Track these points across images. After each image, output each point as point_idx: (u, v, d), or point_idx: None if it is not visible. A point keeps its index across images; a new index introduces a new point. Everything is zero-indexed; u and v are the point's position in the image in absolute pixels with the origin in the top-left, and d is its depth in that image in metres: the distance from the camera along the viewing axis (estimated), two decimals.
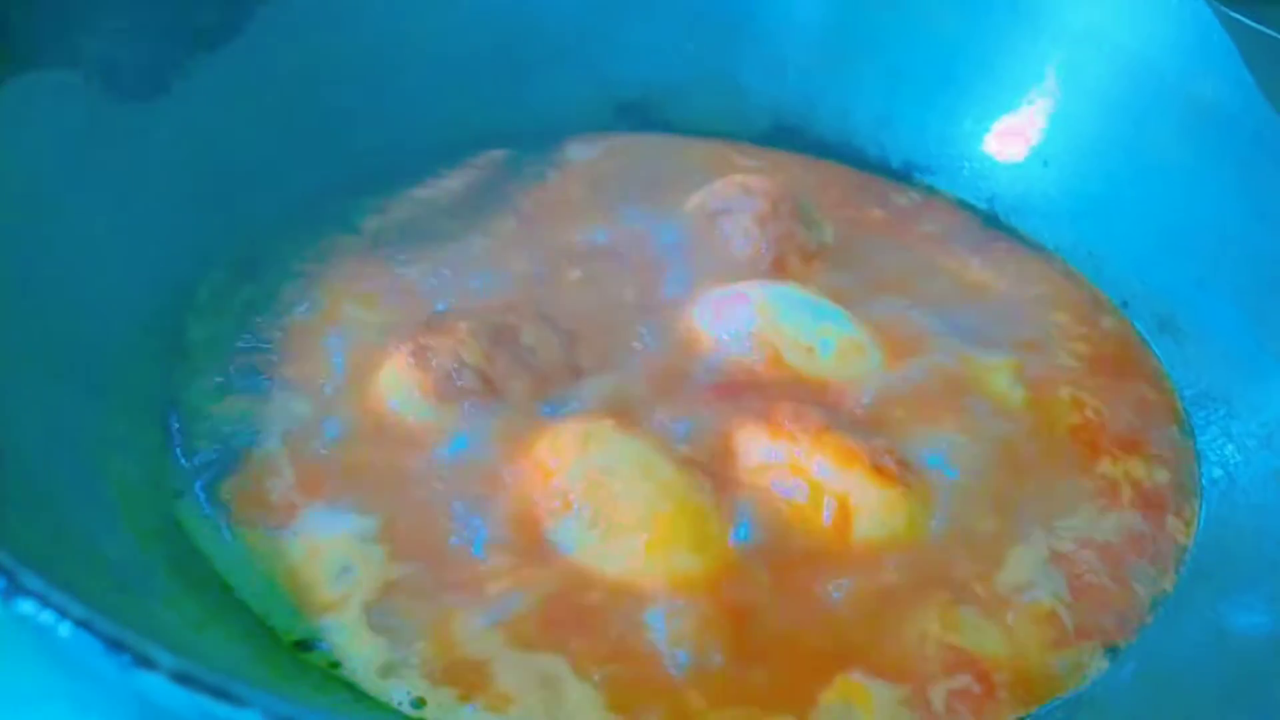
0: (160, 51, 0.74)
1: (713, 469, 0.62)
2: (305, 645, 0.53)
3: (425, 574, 0.56)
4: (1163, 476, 0.68)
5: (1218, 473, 0.68)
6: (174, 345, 0.68)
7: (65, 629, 0.32)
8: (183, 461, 0.61)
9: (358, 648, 0.53)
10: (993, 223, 0.90)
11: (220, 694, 0.30)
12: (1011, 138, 0.90)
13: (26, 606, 0.33)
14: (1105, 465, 0.68)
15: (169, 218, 0.71)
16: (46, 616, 0.32)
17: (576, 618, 0.55)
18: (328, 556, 0.57)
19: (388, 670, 0.52)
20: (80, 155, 0.67)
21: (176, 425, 0.63)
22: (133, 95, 0.71)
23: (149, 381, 0.65)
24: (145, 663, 0.31)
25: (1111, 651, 0.58)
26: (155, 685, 0.31)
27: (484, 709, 0.51)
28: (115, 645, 0.32)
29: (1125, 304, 0.81)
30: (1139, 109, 0.83)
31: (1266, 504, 0.64)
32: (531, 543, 0.58)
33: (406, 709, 0.51)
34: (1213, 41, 0.79)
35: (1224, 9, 0.78)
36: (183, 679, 0.30)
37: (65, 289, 0.63)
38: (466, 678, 0.52)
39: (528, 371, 0.67)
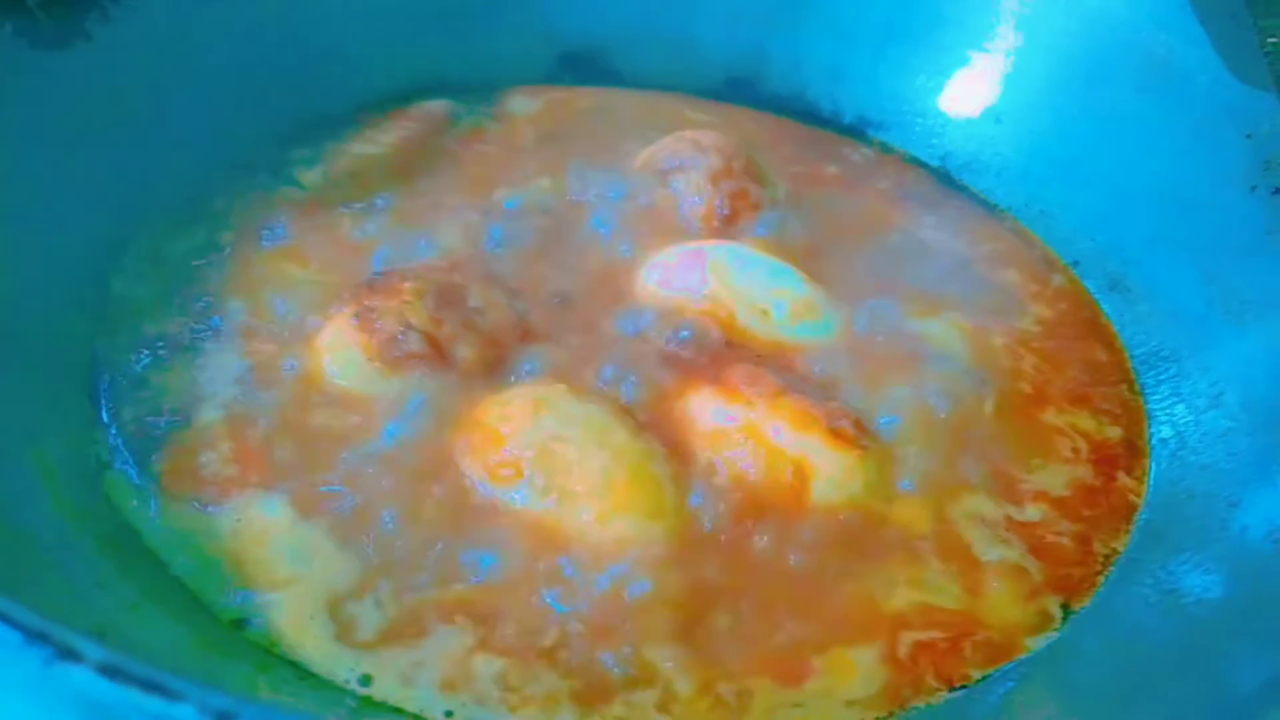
0: None
1: (667, 434, 0.61)
2: (242, 624, 0.51)
3: (368, 552, 0.54)
4: (1113, 433, 0.69)
5: (1168, 432, 0.69)
6: (100, 307, 0.64)
7: None
8: (111, 432, 0.58)
9: (299, 625, 0.51)
10: (945, 180, 0.89)
11: (152, 687, 0.28)
12: (965, 94, 0.89)
13: None
14: (1054, 418, 0.68)
15: (94, 172, 0.68)
16: None
17: (531, 589, 0.53)
18: (266, 535, 0.54)
19: (332, 647, 0.50)
20: None
21: (103, 392, 0.60)
22: (50, 42, 0.67)
23: (72, 346, 0.62)
24: (70, 655, 0.29)
25: (1067, 610, 0.58)
26: (82, 679, 0.29)
27: (430, 685, 0.49)
28: (37, 636, 0.29)
29: (1076, 263, 0.81)
30: (1093, 66, 0.83)
31: (1216, 464, 0.64)
32: (480, 515, 0.56)
33: (354, 686, 0.49)
34: None
35: None
36: (111, 672, 0.28)
37: None
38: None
39: (476, 334, 0.64)
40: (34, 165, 0.64)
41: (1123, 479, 0.66)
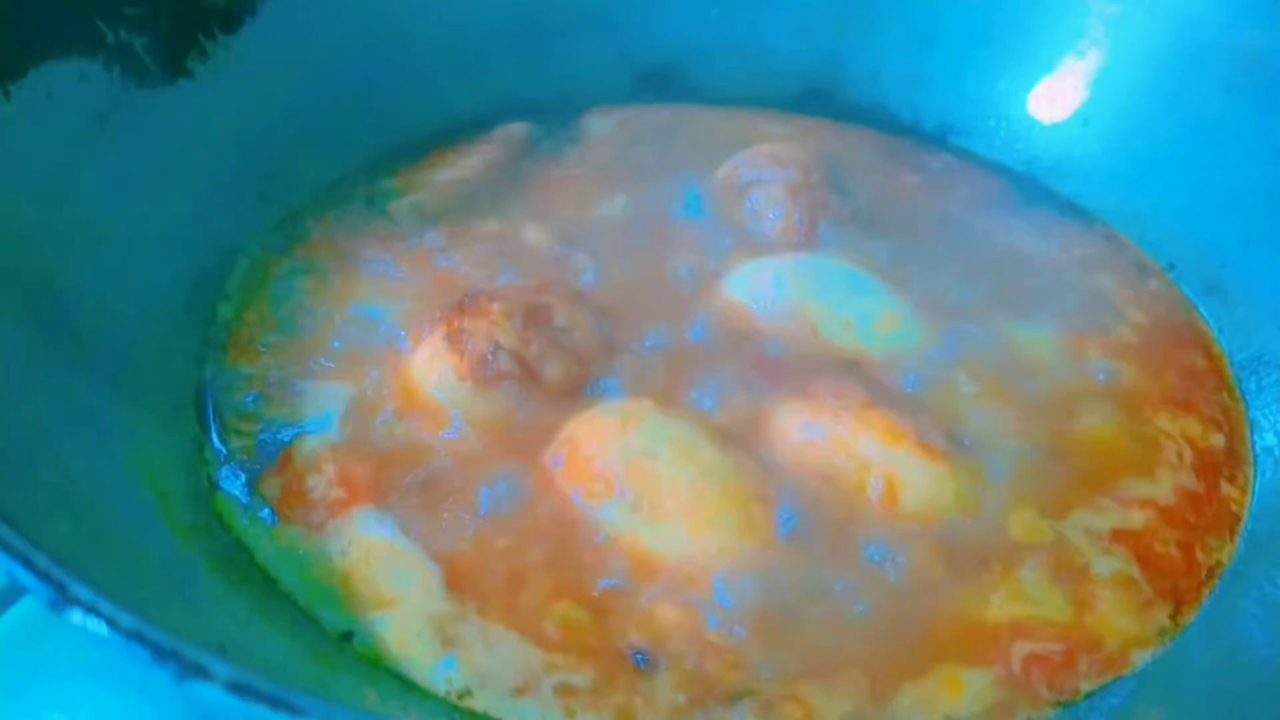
0: (178, 35, 0.73)
1: (754, 448, 0.61)
2: (349, 637, 0.53)
3: (474, 569, 0.55)
4: (1217, 440, 0.67)
5: (1271, 440, 0.67)
6: (205, 337, 0.67)
7: (117, 640, 0.31)
8: (221, 455, 0.60)
9: (404, 640, 0.52)
10: (1031, 186, 0.87)
11: (277, 703, 0.29)
12: (1050, 97, 0.87)
13: (77, 617, 0.32)
14: (1162, 422, 0.67)
15: (195, 205, 0.71)
16: (97, 627, 0.32)
17: (629, 605, 0.54)
18: (371, 553, 0.56)
19: (435, 662, 0.51)
20: (103, 143, 0.67)
21: (212, 416, 0.63)
22: (154, 81, 0.70)
23: (180, 375, 0.64)
24: (199, 672, 0.30)
25: (1174, 623, 0.57)
26: (211, 695, 0.30)
27: (527, 698, 0.50)
28: (168, 655, 0.31)
29: (1171, 267, 0.79)
30: (1183, 64, 0.81)
31: None
32: (581, 530, 0.57)
33: (454, 700, 0.51)
34: None
35: None
36: (239, 689, 0.30)
37: (92, 278, 0.63)
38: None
39: (563, 352, 0.66)
40: (141, 197, 0.68)
41: (1226, 488, 0.64)
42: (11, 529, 0.35)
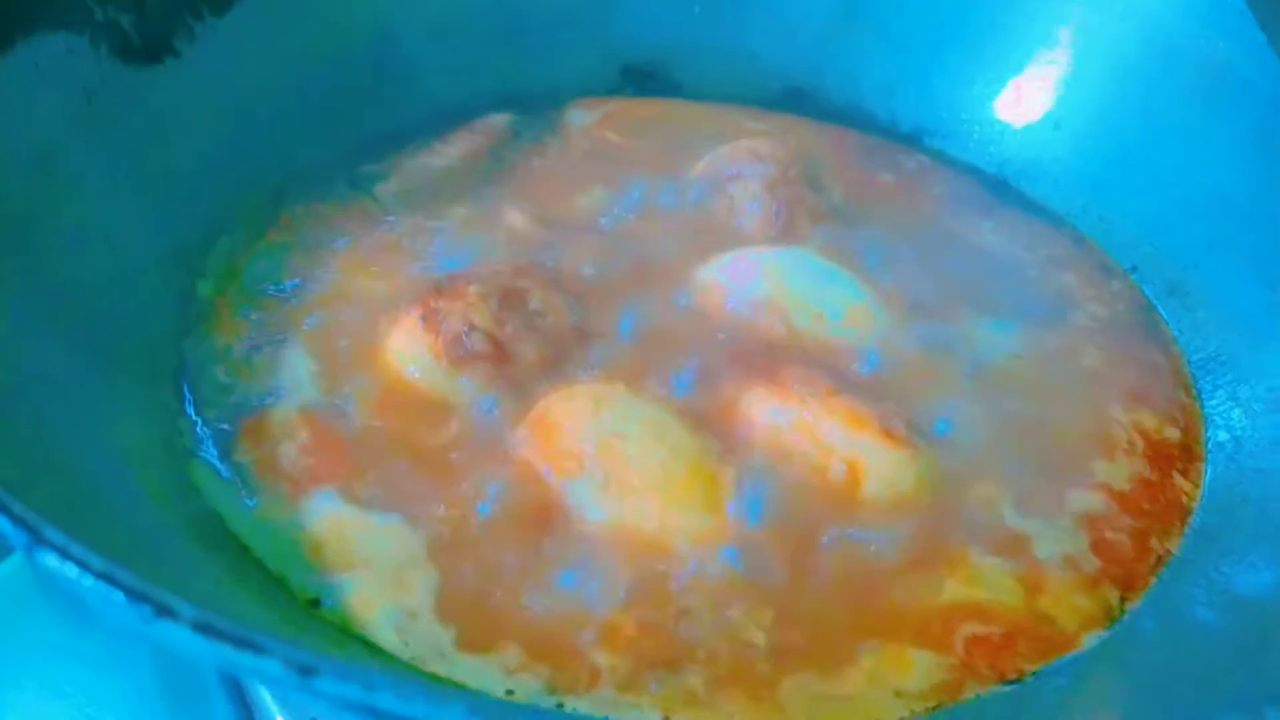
0: (166, 15, 0.74)
1: (722, 431, 0.63)
2: (317, 603, 0.54)
3: (443, 542, 0.56)
4: (1172, 434, 0.69)
5: (1224, 436, 0.69)
6: (184, 308, 0.68)
7: (88, 581, 0.33)
8: (196, 423, 0.61)
9: (370, 606, 0.53)
10: (1002, 187, 0.89)
11: (242, 643, 0.30)
12: (1022, 101, 0.89)
13: (49, 559, 0.33)
14: (1117, 413, 0.69)
15: (178, 181, 0.71)
16: (69, 569, 0.33)
17: (596, 581, 0.55)
18: (340, 522, 0.57)
19: (404, 630, 0.52)
20: (89, 118, 0.67)
21: (188, 387, 0.64)
22: (140, 58, 0.71)
23: (159, 347, 0.65)
24: (167, 613, 0.32)
25: (1121, 607, 0.58)
26: (178, 635, 0.31)
27: (499, 668, 0.51)
28: (137, 596, 0.32)
29: (1135, 268, 0.81)
30: (1151, 71, 0.83)
31: (1273, 468, 0.64)
32: (551, 506, 0.58)
33: (417, 664, 0.52)
34: (1225, 2, 0.78)
35: None
36: (204, 629, 0.31)
37: (75, 251, 0.63)
38: (485, 640, 0.53)
39: (537, 335, 0.67)
40: (125, 173, 0.69)
41: (1178, 480, 0.66)
42: None
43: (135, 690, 0.65)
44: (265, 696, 0.62)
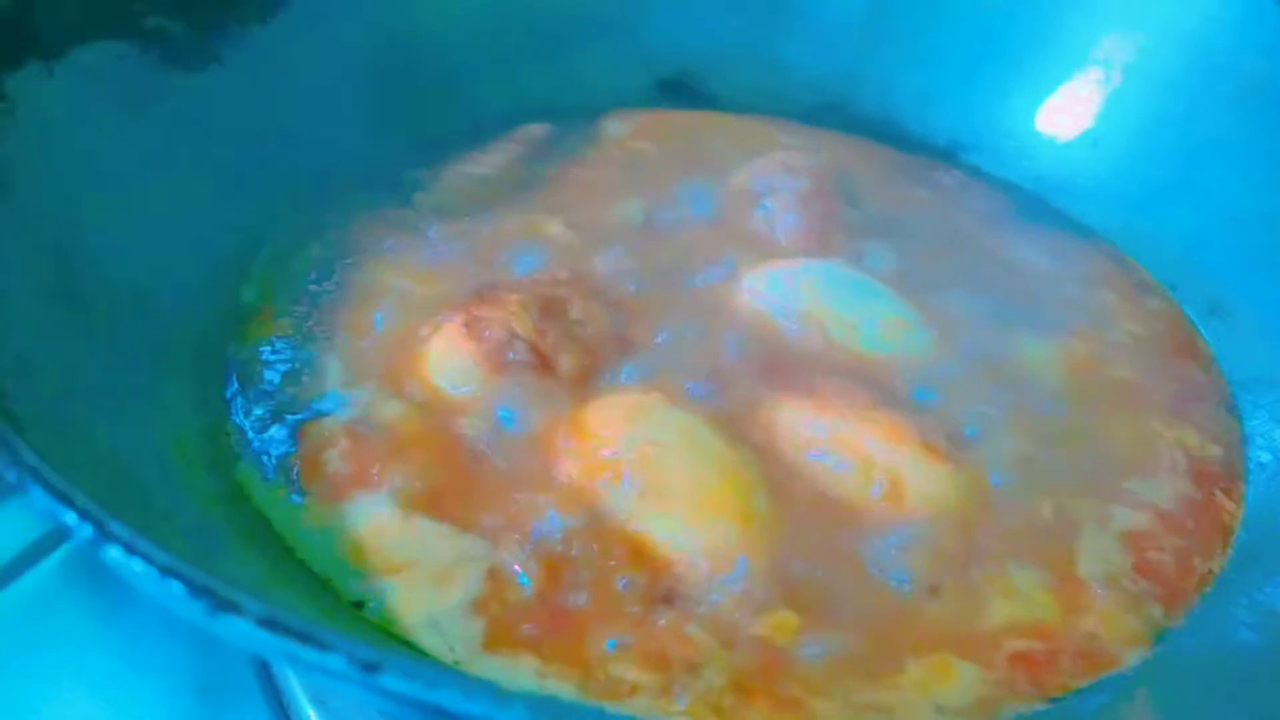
0: (212, 23, 0.75)
1: (759, 443, 0.63)
2: (362, 605, 0.54)
3: (485, 548, 0.57)
4: (1215, 451, 0.68)
5: (1265, 457, 0.68)
6: (230, 313, 0.69)
7: (152, 576, 0.33)
8: (242, 427, 0.62)
9: (413, 609, 0.54)
10: (1039, 204, 0.89)
11: (306, 638, 0.31)
12: (1060, 117, 0.89)
13: (114, 553, 0.34)
14: (1159, 428, 0.69)
15: (224, 187, 0.72)
16: (135, 564, 0.33)
17: (633, 590, 0.55)
18: (383, 528, 0.57)
19: (446, 634, 0.53)
20: (137, 125, 0.69)
21: (234, 391, 0.64)
22: (188, 66, 0.73)
23: (205, 351, 0.66)
24: (231, 607, 0.32)
25: (1164, 627, 0.58)
26: (241, 629, 0.32)
27: (544, 673, 0.52)
28: (201, 591, 0.32)
29: (1174, 287, 0.81)
30: (1191, 88, 0.83)
31: None
32: (589, 513, 0.58)
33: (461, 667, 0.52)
34: (1266, 18, 0.78)
35: None
36: (269, 624, 0.31)
37: (123, 256, 0.64)
38: (522, 645, 0.53)
39: (577, 345, 0.67)
40: (172, 178, 0.70)
41: (1220, 499, 0.65)
42: (53, 472, 0.37)
43: (169, 686, 0.66)
44: (299, 693, 0.63)
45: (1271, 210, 0.77)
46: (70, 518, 0.34)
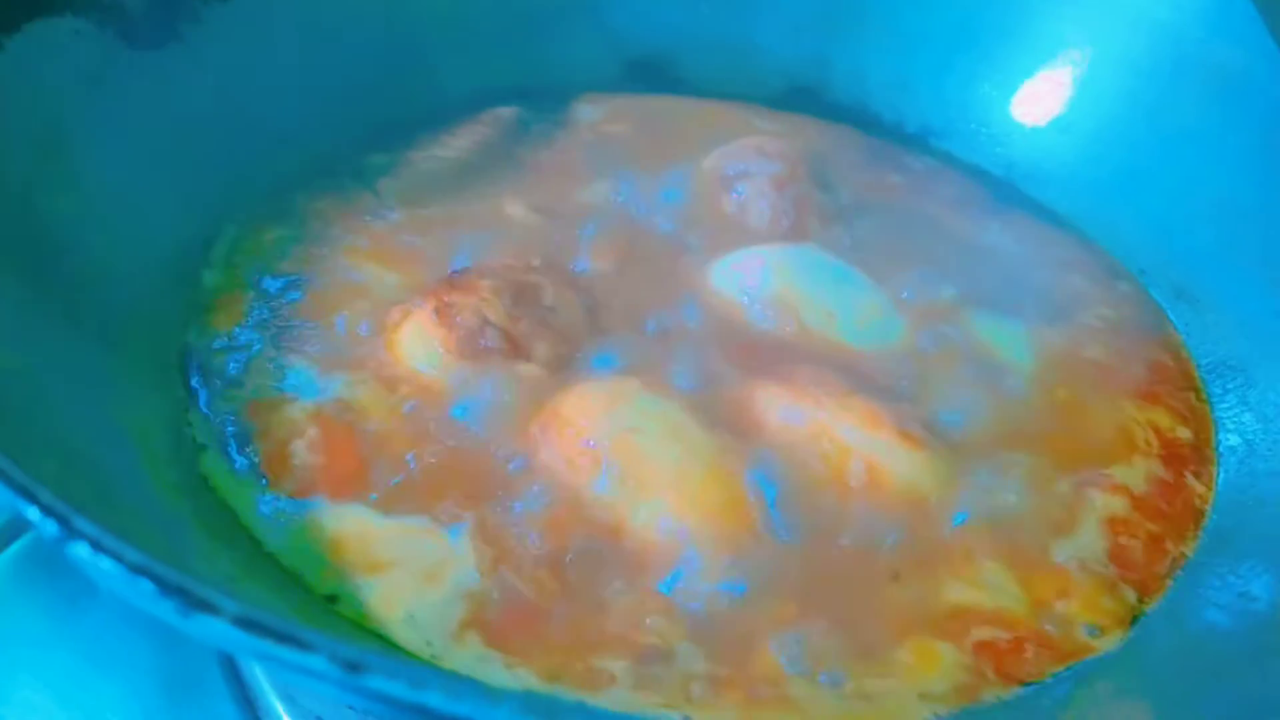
0: None
1: (736, 429, 0.62)
2: (335, 599, 0.53)
3: (459, 540, 0.56)
4: (1184, 434, 0.69)
5: (1235, 440, 0.69)
6: (191, 299, 0.67)
7: (122, 574, 0.32)
8: (206, 417, 0.60)
9: (388, 604, 0.53)
10: (1009, 189, 0.89)
11: (286, 638, 0.30)
12: (1031, 104, 0.90)
13: (80, 551, 0.32)
14: (1130, 410, 0.69)
15: (184, 168, 0.70)
16: (103, 562, 0.32)
17: (611, 578, 0.55)
18: (355, 520, 0.56)
19: (422, 627, 0.52)
20: (95, 103, 0.67)
21: (197, 379, 0.62)
22: (146, 43, 0.70)
23: (167, 337, 0.64)
24: (206, 607, 0.31)
25: (1137, 611, 0.58)
26: (217, 629, 0.30)
27: (523, 666, 0.51)
28: (174, 590, 0.31)
29: (1142, 272, 0.81)
30: (1161, 76, 0.83)
31: None
32: (568, 503, 0.57)
33: (437, 661, 0.51)
34: (1235, 9, 0.78)
35: None
36: (246, 624, 0.30)
37: (81, 238, 0.62)
38: (500, 639, 0.52)
39: (550, 331, 0.66)
40: (131, 159, 0.67)
41: (1192, 482, 0.66)
42: (14, 465, 0.35)
43: (133, 684, 0.64)
44: (267, 688, 0.61)
45: (1238, 197, 0.78)
46: (33, 513, 0.33)
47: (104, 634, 0.66)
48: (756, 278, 0.73)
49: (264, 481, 0.57)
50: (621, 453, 0.58)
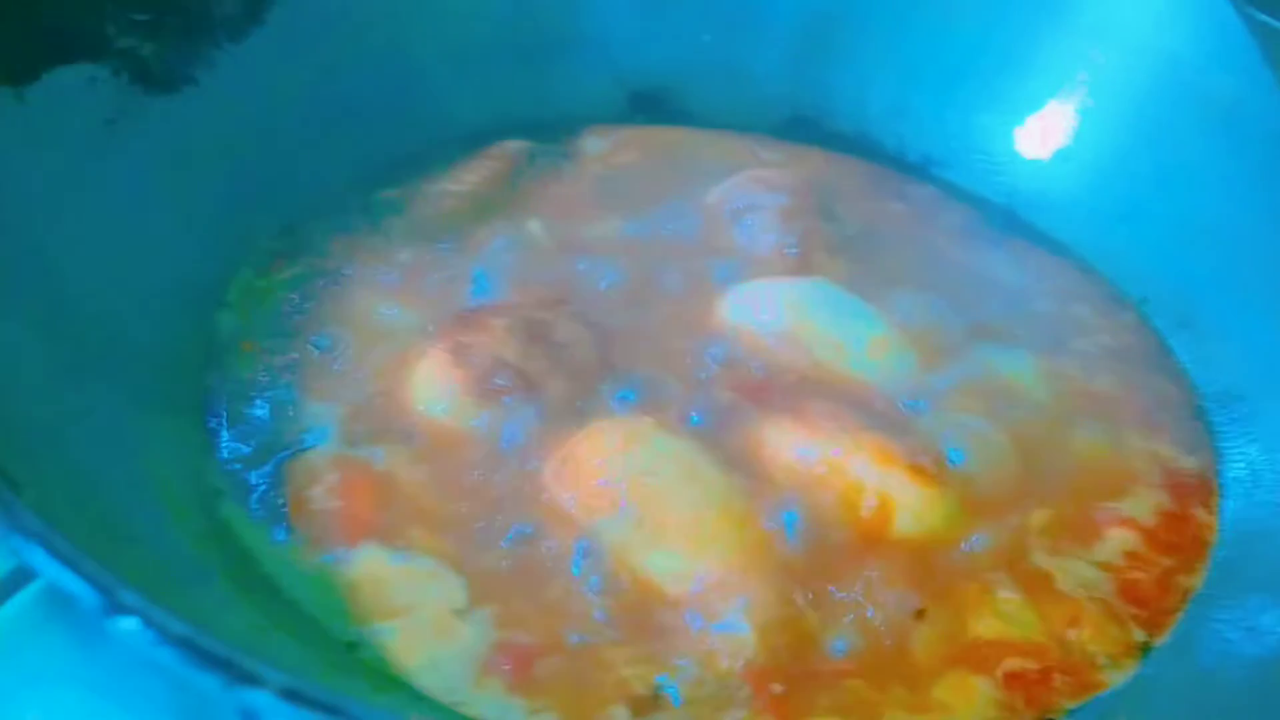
0: (186, 44, 0.73)
1: (750, 467, 0.63)
2: (355, 646, 0.53)
3: (479, 585, 0.56)
4: (1189, 464, 0.70)
5: (1241, 471, 0.70)
6: (208, 345, 0.67)
7: (168, 649, 0.32)
8: (225, 464, 0.61)
9: (410, 651, 0.53)
10: (1011, 219, 0.90)
11: (333, 711, 0.30)
12: (1032, 133, 0.90)
13: (129, 625, 0.33)
14: (1135, 441, 0.70)
15: (198, 209, 0.71)
16: (149, 636, 0.32)
17: (635, 623, 0.55)
18: (375, 565, 0.57)
19: (444, 673, 0.52)
20: (110, 147, 0.67)
21: (215, 424, 0.63)
22: (161, 87, 0.71)
23: (184, 382, 0.64)
24: (252, 680, 0.31)
25: (1147, 645, 0.59)
26: (262, 701, 0.31)
27: (542, 711, 0.51)
28: (219, 663, 0.32)
29: (1144, 301, 0.82)
30: (1161, 107, 0.84)
31: None
32: (585, 548, 0.58)
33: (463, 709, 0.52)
34: (1234, 40, 0.79)
35: (1246, 7, 0.79)
36: (293, 696, 0.31)
37: (96, 285, 0.63)
38: (521, 684, 0.53)
39: (563, 369, 0.67)
40: (146, 203, 0.68)
41: (1199, 513, 0.67)
42: (54, 532, 0.35)
43: (146, 716, 0.64)
44: None
45: (1238, 226, 0.79)
46: (75, 584, 0.33)
47: (118, 672, 0.66)
48: (768, 312, 0.73)
49: (284, 527, 0.58)
50: (638, 495, 0.59)
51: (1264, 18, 0.77)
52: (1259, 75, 0.78)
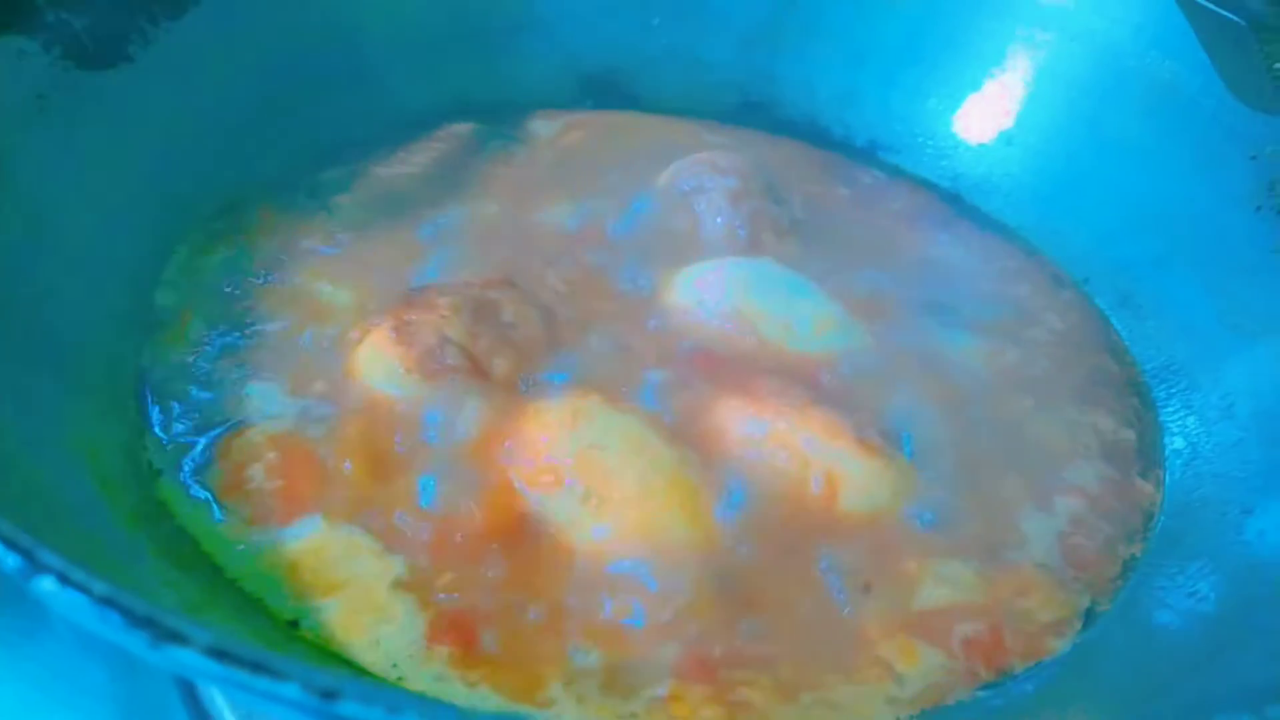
0: (121, 18, 0.72)
1: (698, 443, 0.63)
2: (296, 624, 0.52)
3: (422, 561, 0.56)
4: (1129, 436, 0.71)
5: (1180, 443, 0.71)
6: (143, 322, 0.66)
7: (88, 607, 0.31)
8: (162, 442, 0.60)
9: (349, 626, 0.52)
10: (956, 202, 0.91)
11: (258, 667, 0.29)
12: (976, 118, 0.92)
13: (46, 585, 0.32)
14: (1078, 415, 0.71)
15: (135, 187, 0.69)
16: (69, 595, 0.31)
17: (575, 594, 0.55)
18: (315, 542, 0.56)
19: (387, 649, 0.51)
20: (41, 123, 0.65)
21: (152, 403, 0.62)
22: (94, 63, 0.69)
23: (120, 361, 0.63)
24: (177, 638, 0.30)
25: (1091, 612, 0.60)
26: (189, 661, 0.30)
27: (480, 683, 0.51)
28: (143, 621, 0.31)
29: (1086, 280, 0.83)
30: (1101, 91, 0.85)
31: (1229, 473, 0.66)
32: (531, 523, 0.58)
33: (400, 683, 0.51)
34: (1172, 24, 0.81)
35: None
36: (218, 654, 0.30)
37: (29, 262, 0.61)
38: (467, 656, 0.52)
39: (510, 347, 0.66)
40: (80, 180, 0.66)
41: (1140, 484, 0.68)
42: None
43: (91, 713, 0.63)
44: (226, 713, 0.61)
45: (1179, 206, 0.80)
46: None
47: (59, 663, 0.64)
48: (715, 291, 0.73)
49: (222, 506, 0.57)
50: (584, 470, 0.58)
51: (1201, 1, 0.78)
52: (1195, 57, 0.79)
